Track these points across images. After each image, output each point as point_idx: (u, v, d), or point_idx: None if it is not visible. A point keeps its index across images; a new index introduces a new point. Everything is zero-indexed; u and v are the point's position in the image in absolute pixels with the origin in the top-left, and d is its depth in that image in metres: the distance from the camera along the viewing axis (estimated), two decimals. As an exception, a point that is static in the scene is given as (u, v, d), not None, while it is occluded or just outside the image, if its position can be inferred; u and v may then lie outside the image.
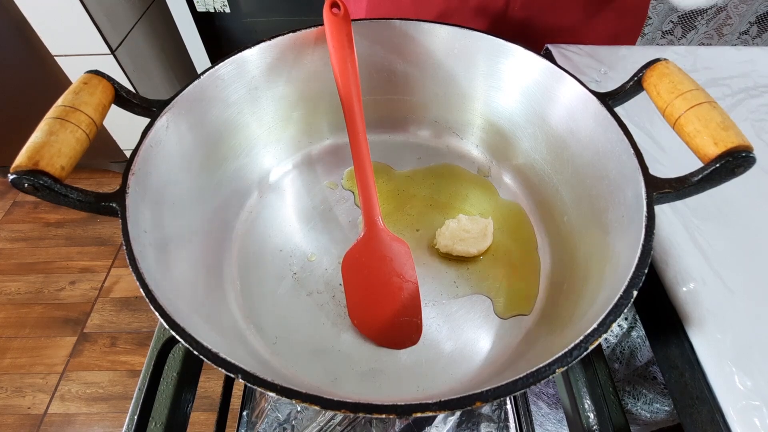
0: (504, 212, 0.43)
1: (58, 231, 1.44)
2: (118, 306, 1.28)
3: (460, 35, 0.40)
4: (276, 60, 0.40)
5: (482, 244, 0.39)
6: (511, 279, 0.39)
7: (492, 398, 0.21)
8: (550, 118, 0.39)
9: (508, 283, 0.38)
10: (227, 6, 1.11)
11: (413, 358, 0.34)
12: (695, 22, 1.30)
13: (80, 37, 1.07)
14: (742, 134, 0.26)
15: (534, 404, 0.59)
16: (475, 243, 0.39)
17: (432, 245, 0.41)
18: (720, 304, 0.31)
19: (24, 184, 0.24)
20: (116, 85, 0.30)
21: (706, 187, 0.27)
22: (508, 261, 0.40)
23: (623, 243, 0.29)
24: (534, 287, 0.38)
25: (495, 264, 0.40)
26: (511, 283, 0.38)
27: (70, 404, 1.11)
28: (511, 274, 0.39)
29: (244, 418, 0.48)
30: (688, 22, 1.30)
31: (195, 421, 1.05)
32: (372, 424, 0.46)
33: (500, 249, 0.40)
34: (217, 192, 0.39)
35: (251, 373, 0.21)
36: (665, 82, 0.30)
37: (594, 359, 0.35)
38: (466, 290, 0.38)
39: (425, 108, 0.47)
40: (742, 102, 0.47)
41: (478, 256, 0.39)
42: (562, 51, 0.52)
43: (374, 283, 0.37)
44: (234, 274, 0.39)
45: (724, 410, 0.27)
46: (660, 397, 0.50)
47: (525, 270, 0.39)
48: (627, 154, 0.30)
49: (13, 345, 1.20)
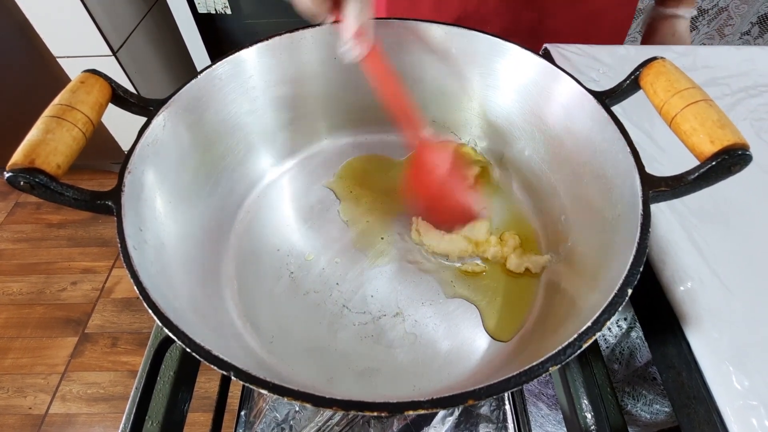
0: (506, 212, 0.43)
1: (60, 232, 1.45)
2: (120, 306, 1.28)
3: (457, 34, 0.40)
4: (273, 60, 0.40)
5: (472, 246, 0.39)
6: (503, 298, 0.38)
7: (485, 396, 0.21)
8: (547, 117, 0.39)
9: (500, 300, 0.38)
10: (228, 8, 1.12)
11: (409, 357, 0.34)
12: (696, 22, 1.29)
13: (82, 38, 1.07)
14: (738, 132, 0.26)
15: (534, 405, 0.59)
16: (461, 243, 0.39)
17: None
18: (717, 303, 0.31)
19: (20, 182, 0.24)
20: (113, 84, 0.31)
21: (702, 186, 0.27)
22: (504, 271, 0.39)
23: (619, 241, 0.29)
24: (520, 318, 0.36)
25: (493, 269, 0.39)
26: (502, 304, 0.37)
27: (71, 404, 1.11)
28: (505, 290, 0.38)
29: (242, 418, 0.48)
30: (690, 23, 1.29)
31: (195, 422, 1.05)
32: (370, 425, 0.45)
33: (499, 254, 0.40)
34: (214, 191, 0.39)
35: (244, 370, 0.21)
36: (662, 81, 0.30)
37: (592, 359, 0.35)
38: (462, 290, 0.38)
39: (423, 107, 0.47)
40: (742, 101, 0.47)
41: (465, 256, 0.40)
42: (561, 51, 0.52)
43: (435, 185, 0.41)
44: (231, 273, 0.39)
45: (722, 410, 0.27)
46: (660, 398, 0.50)
47: (519, 292, 0.38)
48: (623, 152, 0.30)
49: (14, 345, 1.20)
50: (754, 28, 1.30)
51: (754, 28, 1.30)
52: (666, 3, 0.63)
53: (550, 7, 0.55)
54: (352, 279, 0.39)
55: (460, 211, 0.41)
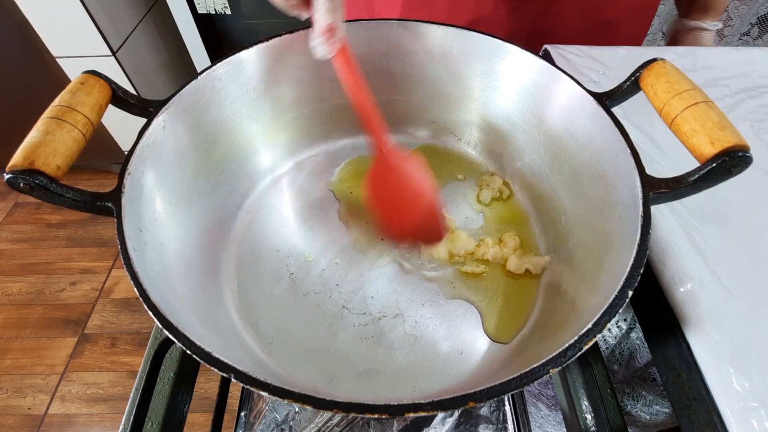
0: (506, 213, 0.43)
1: (59, 232, 1.45)
2: (119, 307, 1.28)
3: (457, 36, 0.40)
4: (273, 61, 0.40)
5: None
6: (503, 299, 0.38)
7: (485, 398, 0.21)
8: (547, 118, 0.39)
9: (500, 301, 0.38)
10: (228, 8, 1.12)
11: (410, 358, 0.34)
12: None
13: (81, 38, 1.07)
14: (738, 134, 0.26)
15: (534, 406, 0.59)
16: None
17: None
18: (717, 304, 0.31)
19: (20, 183, 0.24)
20: (113, 85, 0.31)
21: (702, 187, 0.27)
22: (504, 272, 0.39)
23: (619, 243, 0.29)
24: (520, 319, 0.36)
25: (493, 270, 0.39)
26: (502, 305, 0.37)
27: (70, 405, 1.11)
28: (505, 291, 0.38)
29: (241, 419, 0.48)
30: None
31: (195, 422, 1.05)
32: (370, 425, 0.45)
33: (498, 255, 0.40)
34: (214, 192, 0.39)
35: (244, 372, 0.21)
36: (662, 82, 0.30)
37: (592, 360, 0.35)
38: (463, 291, 0.38)
39: (423, 108, 0.47)
40: (742, 102, 0.47)
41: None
42: (561, 51, 0.52)
43: (395, 197, 0.39)
44: (231, 274, 0.39)
45: (722, 411, 0.27)
46: (659, 399, 0.50)
47: (519, 293, 0.38)
48: (623, 153, 0.30)
49: (13, 346, 1.20)
50: (754, 28, 1.30)
51: (753, 29, 1.30)
52: (690, 14, 0.60)
53: (564, 16, 0.54)
54: (352, 280, 0.39)
55: (422, 228, 0.39)
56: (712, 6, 0.58)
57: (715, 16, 0.59)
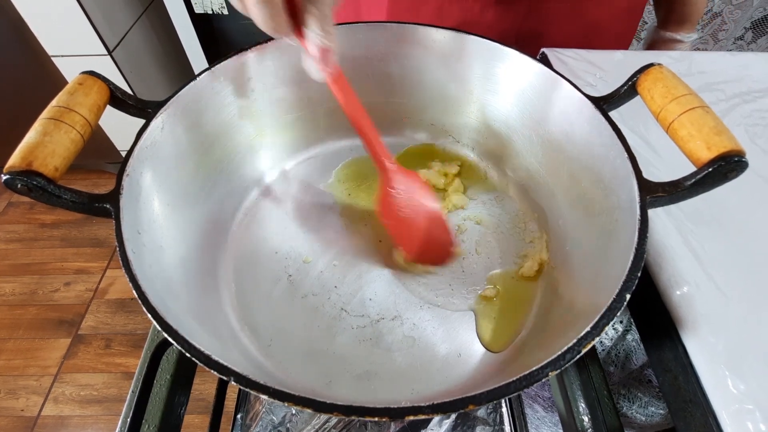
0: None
1: (53, 232, 1.44)
2: (113, 308, 1.27)
3: (455, 39, 0.40)
4: (272, 62, 0.40)
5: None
6: (501, 302, 0.38)
7: (485, 401, 0.21)
8: (545, 122, 0.39)
9: (498, 304, 0.38)
10: (225, 8, 1.11)
11: (408, 360, 0.34)
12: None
13: (77, 37, 1.06)
14: (734, 139, 0.26)
15: (530, 407, 0.59)
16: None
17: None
18: (713, 307, 0.31)
19: (17, 184, 0.24)
20: (111, 86, 0.30)
21: (699, 191, 0.27)
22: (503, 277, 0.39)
23: (617, 246, 0.29)
24: (515, 325, 0.36)
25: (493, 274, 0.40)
26: (499, 308, 0.37)
27: (63, 406, 1.10)
28: (503, 293, 0.38)
29: (238, 421, 0.48)
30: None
31: (190, 424, 1.05)
32: (367, 427, 0.45)
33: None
34: (212, 194, 0.39)
35: (243, 375, 0.21)
36: (659, 87, 0.30)
37: (588, 362, 0.35)
38: (461, 292, 0.38)
39: (421, 111, 0.47)
40: (736, 107, 0.47)
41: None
42: (558, 55, 0.52)
43: (403, 217, 0.39)
44: (229, 276, 0.38)
45: (718, 414, 0.28)
46: (655, 401, 0.50)
47: (515, 296, 0.38)
48: (621, 157, 0.30)
49: (6, 346, 1.19)
50: (748, 33, 1.31)
51: (747, 33, 1.31)
52: (667, 26, 0.63)
53: (551, 19, 0.55)
54: (351, 282, 0.39)
55: (432, 246, 0.40)
56: (687, 19, 0.62)
57: (691, 29, 0.62)
